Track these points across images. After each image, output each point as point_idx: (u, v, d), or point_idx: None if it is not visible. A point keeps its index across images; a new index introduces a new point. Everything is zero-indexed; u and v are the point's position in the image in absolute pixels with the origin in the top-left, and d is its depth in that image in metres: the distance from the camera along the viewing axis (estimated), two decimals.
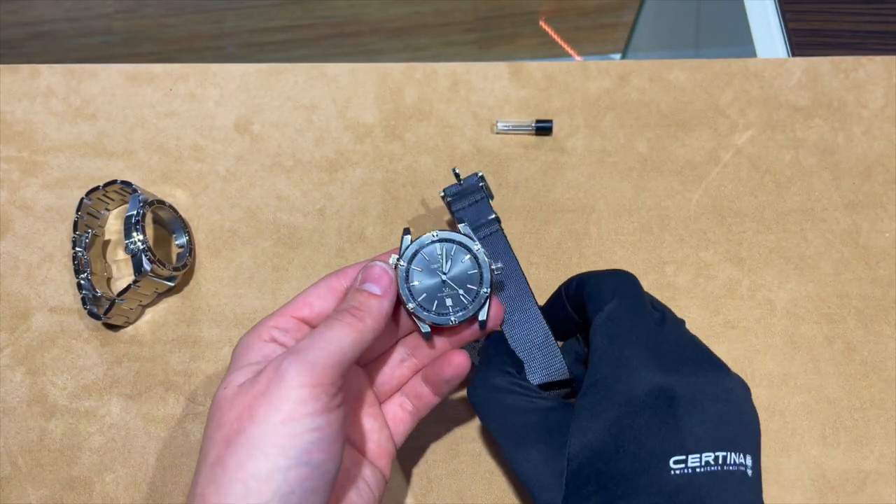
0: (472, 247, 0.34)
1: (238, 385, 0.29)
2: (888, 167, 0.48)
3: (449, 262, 0.34)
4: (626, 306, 0.33)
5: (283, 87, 0.48)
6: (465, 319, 0.34)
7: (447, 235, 0.34)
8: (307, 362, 0.28)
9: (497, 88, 0.49)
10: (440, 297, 0.34)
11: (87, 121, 0.47)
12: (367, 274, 0.32)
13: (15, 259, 0.44)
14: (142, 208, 0.41)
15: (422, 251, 0.34)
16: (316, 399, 0.28)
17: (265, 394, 0.28)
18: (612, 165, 0.47)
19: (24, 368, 0.42)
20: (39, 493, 0.39)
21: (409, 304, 0.33)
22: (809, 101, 0.49)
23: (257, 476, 0.27)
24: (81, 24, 1.31)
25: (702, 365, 0.31)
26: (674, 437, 0.29)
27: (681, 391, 0.30)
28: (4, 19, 1.29)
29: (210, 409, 0.30)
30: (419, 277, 0.34)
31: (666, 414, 0.29)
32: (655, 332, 0.32)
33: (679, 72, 0.50)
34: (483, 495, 0.40)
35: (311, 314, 0.32)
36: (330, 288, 0.33)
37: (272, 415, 0.27)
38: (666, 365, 0.30)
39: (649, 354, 0.31)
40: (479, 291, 0.34)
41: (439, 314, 0.33)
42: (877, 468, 0.41)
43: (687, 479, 0.28)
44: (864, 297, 0.45)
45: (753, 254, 0.45)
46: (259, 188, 0.46)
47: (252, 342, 0.31)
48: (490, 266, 0.34)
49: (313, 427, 0.28)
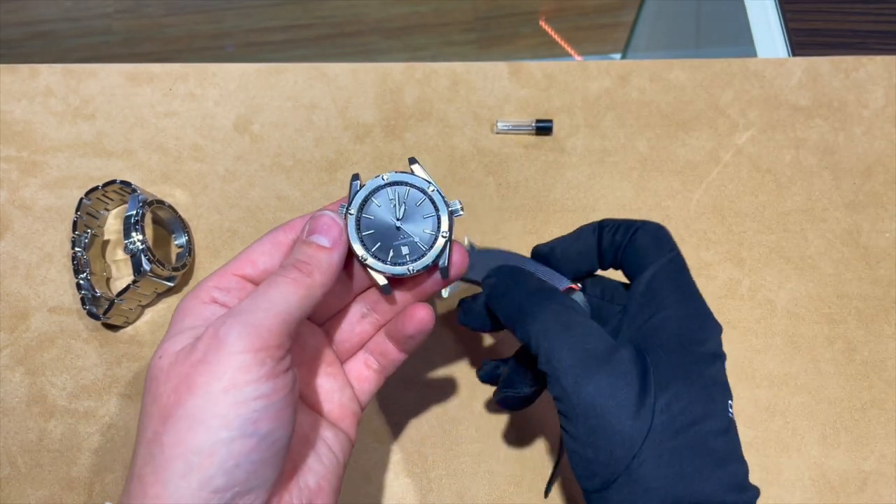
0: (427, 188, 0.31)
1: (174, 353, 0.27)
2: (888, 167, 0.48)
3: (403, 206, 0.31)
4: (677, 265, 0.32)
5: (283, 87, 0.48)
6: (423, 268, 0.30)
7: (399, 178, 0.31)
8: (249, 324, 0.26)
9: (497, 88, 0.49)
10: (395, 246, 0.30)
11: (86, 120, 0.47)
12: (315, 225, 0.30)
13: (14, 259, 0.44)
14: (141, 208, 0.41)
15: (372, 197, 0.31)
16: (260, 364, 0.25)
17: (203, 361, 0.25)
18: (612, 165, 0.47)
19: (24, 368, 0.42)
20: (39, 493, 0.39)
21: (360, 255, 0.30)
22: (810, 100, 0.49)
23: (198, 450, 0.24)
24: (81, 23, 1.31)
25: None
26: (726, 384, 0.29)
27: (713, 347, 0.30)
28: (4, 19, 1.29)
29: (145, 380, 0.27)
30: (371, 225, 0.30)
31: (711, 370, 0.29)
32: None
33: (679, 72, 0.50)
34: (483, 495, 0.40)
35: (254, 272, 0.30)
36: (275, 243, 0.30)
37: (212, 384, 0.25)
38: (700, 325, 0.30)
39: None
40: (438, 236, 0.30)
41: (395, 264, 0.30)
42: (877, 468, 0.41)
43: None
44: (865, 297, 0.45)
45: (754, 254, 0.45)
46: (259, 188, 0.46)
47: (190, 305, 0.28)
48: (448, 207, 0.31)
49: (258, 395, 0.25)
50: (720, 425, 0.28)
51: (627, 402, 0.28)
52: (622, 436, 0.27)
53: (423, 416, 0.41)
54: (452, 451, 0.41)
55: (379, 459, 0.40)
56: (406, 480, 0.40)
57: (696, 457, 0.27)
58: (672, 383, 0.28)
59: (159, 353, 0.27)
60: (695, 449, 0.27)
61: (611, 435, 0.27)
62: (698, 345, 0.30)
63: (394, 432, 0.41)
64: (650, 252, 0.32)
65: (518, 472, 0.40)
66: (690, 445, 0.27)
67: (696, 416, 0.28)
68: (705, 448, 0.28)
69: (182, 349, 0.27)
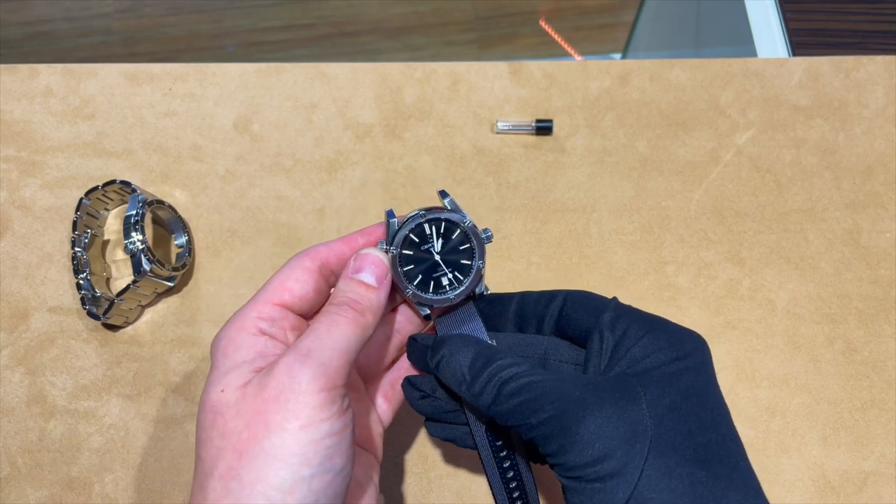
0: (463, 222, 0.32)
1: (239, 387, 0.27)
2: (889, 167, 0.48)
3: (440, 239, 0.32)
4: (626, 307, 0.32)
5: (283, 87, 0.48)
6: (464, 296, 0.32)
7: (434, 215, 0.32)
8: (321, 364, 0.27)
9: (497, 88, 0.49)
10: (436, 277, 0.32)
11: (86, 120, 0.47)
12: (362, 262, 0.31)
13: (14, 259, 0.44)
14: (141, 208, 0.41)
15: (411, 233, 0.32)
16: (332, 403, 0.27)
17: (278, 399, 0.26)
18: (612, 165, 0.47)
19: (24, 369, 0.42)
20: (39, 493, 0.39)
21: (407, 290, 0.32)
22: (810, 100, 0.49)
23: (280, 487, 0.25)
24: (81, 23, 1.31)
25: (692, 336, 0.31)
26: (719, 392, 0.29)
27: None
28: (4, 19, 1.29)
29: (202, 413, 0.27)
30: (412, 260, 0.32)
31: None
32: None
33: (679, 71, 0.50)
34: (483, 495, 0.40)
35: (291, 299, 0.30)
36: (304, 269, 0.31)
37: (290, 421, 0.26)
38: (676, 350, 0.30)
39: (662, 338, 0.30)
40: (474, 265, 0.32)
41: (438, 294, 0.32)
42: (877, 468, 0.41)
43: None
44: (865, 297, 0.45)
45: (754, 254, 0.45)
46: (259, 188, 0.46)
47: (239, 338, 0.29)
48: (481, 236, 0.33)
49: (332, 432, 0.26)
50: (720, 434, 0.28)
51: (621, 417, 0.27)
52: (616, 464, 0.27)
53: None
54: (452, 451, 0.41)
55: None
56: (406, 480, 0.40)
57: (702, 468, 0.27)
58: (666, 396, 0.28)
59: (219, 386, 0.27)
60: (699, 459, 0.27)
61: (613, 454, 0.27)
62: (683, 360, 0.29)
63: (394, 432, 0.41)
64: (588, 311, 0.31)
65: None
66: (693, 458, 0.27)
67: (696, 424, 0.28)
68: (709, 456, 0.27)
69: (247, 384, 0.27)
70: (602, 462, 0.27)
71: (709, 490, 0.27)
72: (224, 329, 0.30)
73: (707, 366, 0.30)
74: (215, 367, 0.29)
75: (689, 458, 0.27)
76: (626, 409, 0.27)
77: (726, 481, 0.27)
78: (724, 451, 0.28)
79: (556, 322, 0.32)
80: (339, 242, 0.32)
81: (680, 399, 0.28)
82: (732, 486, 0.27)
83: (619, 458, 0.27)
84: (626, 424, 0.27)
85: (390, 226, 0.32)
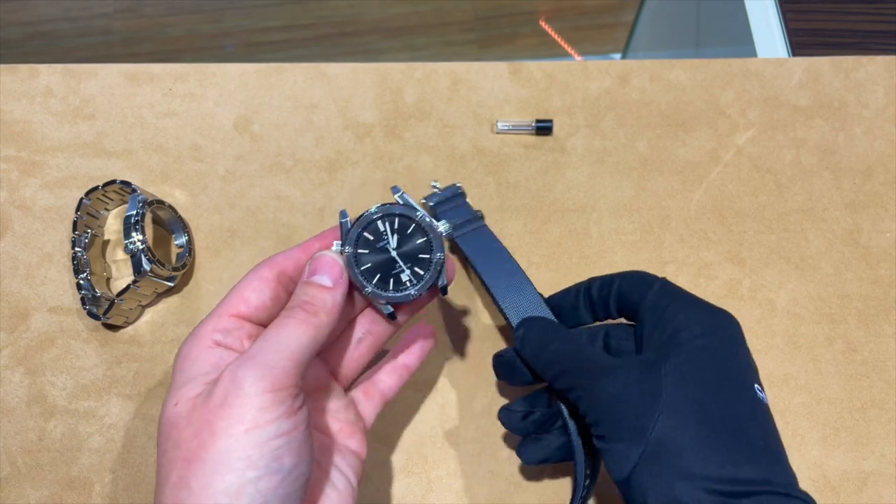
0: (415, 215, 0.32)
1: (191, 399, 0.28)
2: (889, 167, 0.48)
3: (395, 235, 0.32)
4: (671, 286, 0.35)
5: (283, 87, 0.48)
6: (425, 290, 0.32)
7: (387, 210, 0.32)
8: (265, 367, 0.27)
9: (497, 88, 0.49)
10: (395, 275, 0.32)
11: (86, 120, 0.47)
12: (316, 265, 0.31)
13: (14, 259, 0.44)
14: (141, 208, 0.41)
15: (365, 231, 0.32)
16: (279, 404, 0.27)
17: (223, 405, 0.26)
18: (612, 165, 0.47)
19: (24, 368, 0.42)
20: (39, 493, 0.39)
21: (365, 289, 0.32)
22: (810, 100, 0.49)
23: (227, 492, 0.26)
24: (81, 23, 1.31)
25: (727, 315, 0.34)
26: (746, 366, 0.32)
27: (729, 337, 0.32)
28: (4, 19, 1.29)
29: (159, 427, 0.28)
30: (368, 259, 0.32)
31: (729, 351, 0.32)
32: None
33: (679, 72, 0.50)
34: (483, 495, 0.40)
35: (248, 310, 0.31)
36: (261, 279, 0.31)
37: (234, 426, 0.26)
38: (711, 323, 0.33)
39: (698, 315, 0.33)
40: (433, 259, 0.32)
41: (398, 291, 0.32)
42: (877, 468, 0.41)
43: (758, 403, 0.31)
44: (865, 297, 0.45)
45: (754, 254, 0.45)
46: (259, 188, 0.46)
47: (195, 352, 0.29)
48: (437, 229, 0.32)
49: (279, 432, 0.27)
50: (741, 403, 0.30)
51: (638, 381, 0.31)
52: (634, 406, 0.30)
53: (424, 416, 0.41)
54: (452, 451, 0.41)
55: (379, 459, 0.40)
56: (406, 480, 0.40)
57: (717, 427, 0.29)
58: (685, 365, 0.31)
59: (173, 400, 0.28)
60: (714, 422, 0.29)
61: (627, 411, 0.30)
62: (710, 335, 0.32)
63: (394, 432, 0.41)
64: (638, 289, 0.35)
65: (518, 472, 0.40)
66: (708, 417, 0.29)
67: (711, 391, 0.30)
68: (726, 417, 0.30)
69: (198, 395, 0.28)
70: (618, 422, 0.30)
71: (718, 453, 0.28)
72: (182, 344, 0.30)
73: (731, 342, 0.32)
74: (172, 382, 0.29)
75: (700, 422, 0.29)
76: (645, 375, 0.31)
77: (740, 451, 0.29)
78: (739, 422, 0.30)
79: (617, 303, 0.35)
80: (297, 249, 0.33)
81: (697, 370, 0.30)
82: (745, 457, 0.29)
83: (632, 418, 0.30)
84: (640, 387, 0.30)
85: (343, 226, 0.32)
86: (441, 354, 0.43)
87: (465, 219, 0.41)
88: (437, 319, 0.43)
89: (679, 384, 0.30)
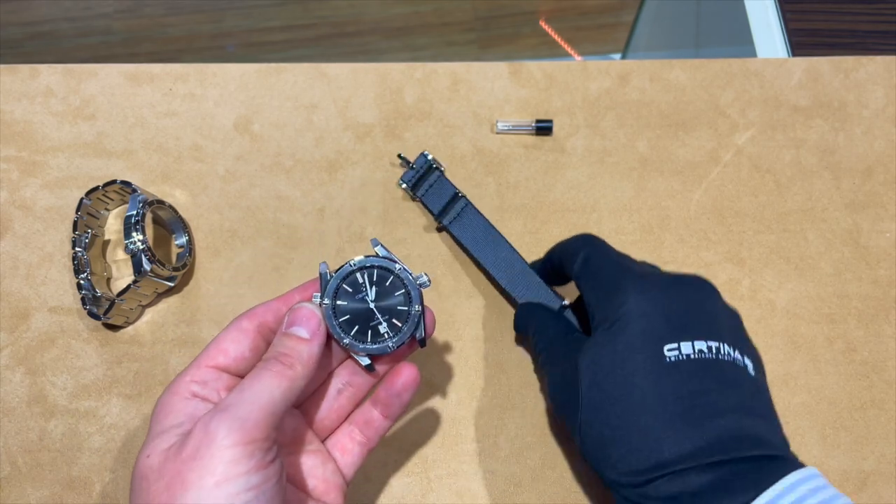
0: (394, 267, 0.33)
1: (163, 451, 0.27)
2: (888, 167, 0.48)
3: (373, 287, 0.33)
4: (592, 252, 0.37)
5: (283, 87, 0.48)
6: (403, 342, 0.33)
7: (366, 262, 0.33)
8: (237, 419, 0.27)
9: (497, 88, 0.49)
10: (373, 326, 0.32)
11: (86, 121, 0.47)
12: (294, 317, 0.31)
13: (15, 259, 0.44)
14: (141, 208, 0.41)
15: (344, 283, 0.32)
16: (250, 457, 0.26)
17: (194, 457, 0.26)
18: (612, 165, 0.47)
19: (24, 368, 0.42)
20: (39, 493, 0.39)
21: (343, 340, 0.32)
22: (810, 101, 0.49)
23: None
24: (81, 23, 1.31)
25: (678, 277, 0.34)
26: (666, 330, 0.32)
27: (665, 296, 0.33)
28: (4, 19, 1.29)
29: (132, 479, 0.28)
30: (347, 311, 0.32)
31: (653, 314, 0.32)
32: (623, 261, 0.36)
33: (679, 72, 0.50)
34: (483, 495, 0.40)
35: (227, 361, 0.31)
36: (241, 330, 0.31)
37: (205, 478, 0.26)
38: (643, 283, 0.33)
39: (626, 277, 0.34)
40: (411, 311, 0.33)
41: (376, 343, 0.32)
42: (877, 468, 0.41)
43: (682, 362, 0.31)
44: (865, 297, 0.45)
45: (754, 254, 0.45)
46: (259, 188, 0.46)
47: (171, 402, 0.29)
48: (416, 282, 0.33)
49: (249, 486, 0.26)
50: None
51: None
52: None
53: (423, 415, 0.41)
54: (452, 451, 0.41)
55: (379, 459, 0.40)
56: (406, 480, 0.40)
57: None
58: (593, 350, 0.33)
59: (146, 451, 0.28)
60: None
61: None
62: (611, 322, 0.33)
63: (394, 432, 0.41)
64: (569, 261, 0.38)
65: (518, 472, 0.40)
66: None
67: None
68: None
69: (171, 447, 0.27)
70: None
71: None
72: (161, 395, 0.30)
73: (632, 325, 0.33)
74: (148, 432, 0.29)
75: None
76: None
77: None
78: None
79: (563, 272, 0.39)
80: (277, 301, 0.33)
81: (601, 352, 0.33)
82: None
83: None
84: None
85: (323, 277, 0.32)
86: (441, 354, 0.43)
87: (445, 201, 0.44)
88: (437, 319, 0.43)
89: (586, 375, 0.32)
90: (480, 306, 0.44)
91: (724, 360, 0.31)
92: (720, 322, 0.32)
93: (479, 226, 0.43)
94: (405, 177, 0.45)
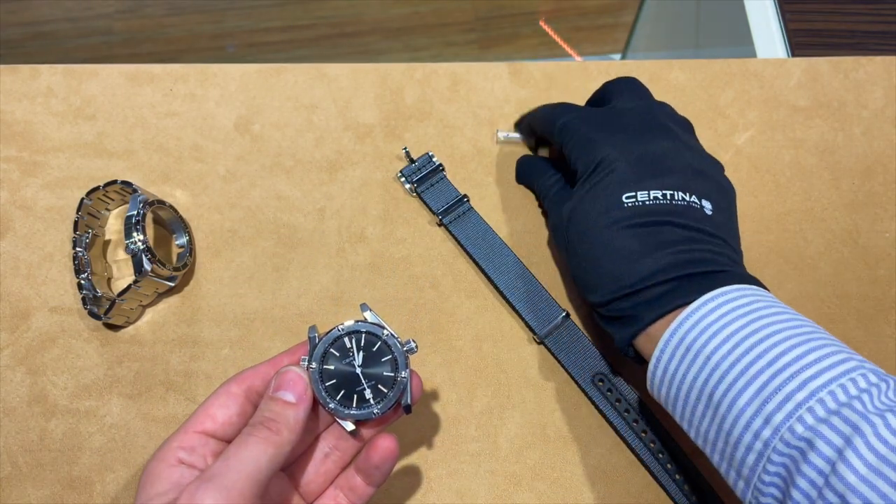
0: (381, 333, 0.33)
1: None
2: (888, 167, 0.48)
3: (361, 353, 0.33)
4: (569, 120, 0.40)
5: (284, 88, 0.49)
6: (388, 409, 0.33)
7: (354, 327, 0.33)
8: (223, 488, 0.27)
9: (497, 89, 0.49)
10: (359, 391, 0.32)
11: (87, 121, 0.47)
12: (280, 381, 0.31)
13: (15, 259, 0.44)
14: (142, 208, 0.41)
15: (331, 348, 0.33)
16: None
17: None
18: None
19: (25, 368, 0.42)
20: (40, 493, 0.39)
21: (328, 405, 0.32)
22: (809, 101, 0.49)
23: None
24: (82, 24, 1.32)
25: (645, 131, 0.38)
26: (623, 183, 0.36)
27: (626, 154, 0.37)
28: (4, 19, 1.30)
29: None
30: (333, 375, 0.32)
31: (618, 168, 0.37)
32: (595, 117, 0.40)
33: (679, 72, 0.50)
34: (483, 495, 0.40)
35: (214, 426, 0.31)
36: (229, 395, 0.31)
37: None
38: (609, 148, 0.38)
39: (592, 142, 0.38)
40: (398, 377, 0.33)
41: (361, 408, 0.32)
42: None
43: (638, 208, 0.36)
44: (864, 297, 0.45)
45: (753, 254, 0.45)
46: (259, 188, 0.46)
47: (158, 469, 0.29)
48: (403, 349, 0.33)
49: None
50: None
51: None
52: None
53: (423, 415, 0.41)
54: (452, 451, 0.41)
55: None
56: (406, 480, 0.40)
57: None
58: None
59: None
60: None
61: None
62: (589, 174, 0.38)
63: (394, 432, 0.41)
64: (547, 129, 0.42)
65: (518, 472, 0.40)
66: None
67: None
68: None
69: None
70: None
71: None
72: (148, 462, 0.30)
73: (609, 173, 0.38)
74: (136, 499, 0.29)
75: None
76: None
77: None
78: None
79: (540, 136, 0.45)
80: (265, 365, 0.33)
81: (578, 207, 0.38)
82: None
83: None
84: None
85: (311, 341, 0.33)
86: (441, 354, 0.43)
87: (450, 201, 0.44)
88: (437, 319, 0.43)
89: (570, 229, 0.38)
90: (480, 306, 0.44)
91: (678, 204, 0.35)
92: (677, 171, 0.37)
93: (480, 230, 0.44)
94: (405, 170, 0.45)
